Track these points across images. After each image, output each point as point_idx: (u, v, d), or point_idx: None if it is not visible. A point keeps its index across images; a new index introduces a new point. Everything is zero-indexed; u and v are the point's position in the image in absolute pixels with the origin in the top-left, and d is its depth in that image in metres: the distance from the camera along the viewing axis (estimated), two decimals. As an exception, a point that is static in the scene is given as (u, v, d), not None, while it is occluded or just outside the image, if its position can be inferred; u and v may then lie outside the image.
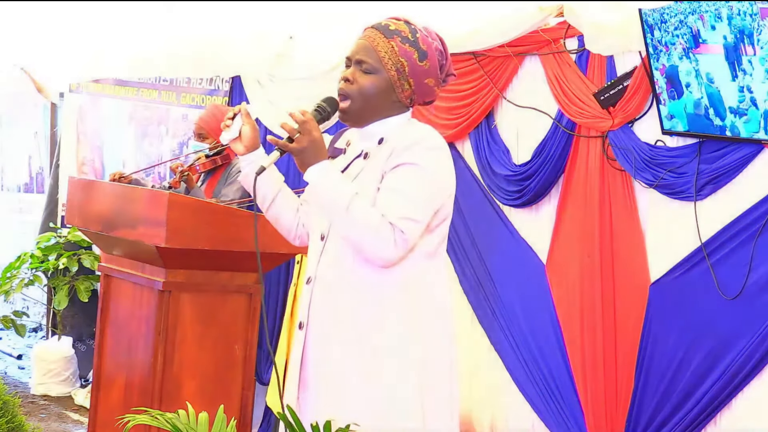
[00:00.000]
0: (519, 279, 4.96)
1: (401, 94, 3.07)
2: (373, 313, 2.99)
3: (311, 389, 3.07)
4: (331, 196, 2.92)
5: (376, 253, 2.91)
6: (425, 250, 3.03)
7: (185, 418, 2.93)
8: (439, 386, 3.06)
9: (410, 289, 3.01)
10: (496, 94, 5.01)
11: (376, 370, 2.99)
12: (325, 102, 3.10)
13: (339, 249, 3.04)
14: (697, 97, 4.13)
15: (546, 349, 4.83)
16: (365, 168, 3.06)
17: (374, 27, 3.11)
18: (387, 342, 2.99)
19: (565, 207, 4.77)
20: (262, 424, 6.11)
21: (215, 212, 4.51)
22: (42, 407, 7.36)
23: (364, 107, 3.07)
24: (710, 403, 4.17)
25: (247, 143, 3.16)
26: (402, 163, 2.96)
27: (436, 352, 3.06)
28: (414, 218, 2.92)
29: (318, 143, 2.94)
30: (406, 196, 2.92)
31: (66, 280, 7.81)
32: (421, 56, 3.05)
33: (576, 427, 4.66)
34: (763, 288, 4.02)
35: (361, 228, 2.89)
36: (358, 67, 3.08)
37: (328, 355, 3.04)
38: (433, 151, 3.00)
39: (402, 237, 2.89)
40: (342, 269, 3.03)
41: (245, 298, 4.63)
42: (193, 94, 7.22)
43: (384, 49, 3.04)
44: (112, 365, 4.82)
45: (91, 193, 5.03)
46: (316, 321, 3.07)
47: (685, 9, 4.03)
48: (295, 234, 3.32)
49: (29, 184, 9.66)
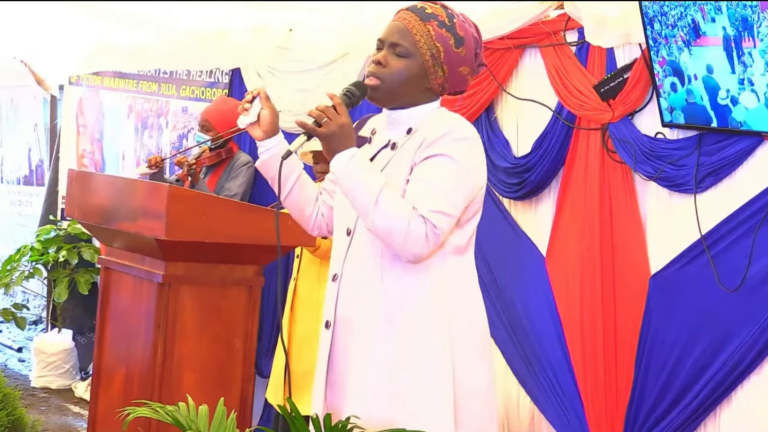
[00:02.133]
0: (519, 271, 4.95)
1: (434, 81, 2.93)
2: (403, 311, 2.87)
3: (339, 390, 2.96)
4: (359, 185, 2.78)
5: (406, 247, 2.77)
6: (455, 245, 2.92)
7: (185, 410, 2.93)
8: (474, 390, 2.93)
9: (441, 287, 2.89)
10: (496, 87, 5.01)
11: (407, 370, 2.86)
12: (354, 86, 2.92)
13: (367, 245, 2.92)
14: (697, 89, 4.13)
15: (546, 341, 4.83)
16: (393, 159, 2.94)
17: (409, 9, 2.95)
18: (418, 342, 2.86)
19: (565, 199, 4.77)
20: (263, 417, 6.12)
21: (215, 205, 4.50)
22: (42, 400, 7.37)
23: (394, 90, 2.92)
24: (710, 395, 4.17)
25: (266, 128, 3.01)
26: (433, 155, 2.83)
27: (471, 354, 2.93)
28: (446, 212, 2.79)
29: (347, 129, 2.80)
30: (438, 189, 2.79)
31: (66, 272, 7.81)
32: (458, 42, 2.91)
33: (576, 419, 4.67)
34: (763, 280, 4.01)
35: (391, 220, 2.75)
36: (391, 50, 2.92)
37: (356, 355, 2.92)
38: (466, 141, 2.87)
39: (434, 231, 2.76)
40: (370, 266, 2.91)
41: (245, 291, 4.62)
42: (193, 87, 7.22)
43: (420, 33, 2.89)
44: (112, 358, 4.82)
45: (91, 185, 5.03)
46: (344, 320, 2.95)
47: (685, 1, 4.02)
48: (313, 224, 3.19)
49: (29, 177, 9.66)
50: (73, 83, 8.66)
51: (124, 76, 7.98)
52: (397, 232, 2.75)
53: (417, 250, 2.78)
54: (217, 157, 6.05)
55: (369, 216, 2.78)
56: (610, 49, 4.57)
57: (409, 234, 2.75)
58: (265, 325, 6.11)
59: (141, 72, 7.78)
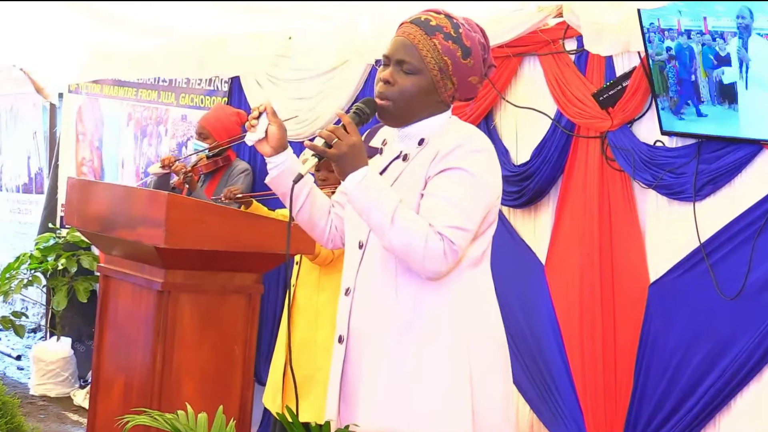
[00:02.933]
0: (518, 279, 4.95)
1: (444, 93, 2.89)
2: (423, 327, 2.83)
3: (353, 405, 2.91)
4: (373, 205, 2.74)
5: (424, 266, 2.73)
6: (471, 257, 2.87)
7: (184, 418, 2.93)
8: (493, 407, 2.90)
9: (459, 300, 2.85)
10: (495, 95, 5.01)
11: (424, 387, 2.83)
12: (364, 104, 2.88)
13: (379, 258, 2.87)
14: (696, 96, 4.13)
15: (545, 349, 4.83)
16: (405, 171, 2.90)
17: (413, 22, 2.89)
18: (439, 357, 2.83)
19: (565, 207, 4.77)
20: (262, 424, 6.11)
21: (214, 213, 4.50)
22: (41, 408, 7.36)
23: (404, 108, 2.87)
24: (709, 403, 4.17)
25: (274, 144, 2.96)
26: (447, 168, 2.78)
27: (490, 370, 2.91)
28: (464, 227, 2.75)
29: (358, 148, 2.75)
30: (455, 204, 2.75)
31: (65, 280, 7.80)
32: (465, 53, 2.86)
33: (575, 427, 4.66)
34: (762, 288, 4.02)
35: (408, 239, 2.70)
36: (398, 68, 2.87)
37: (370, 370, 2.88)
38: (480, 153, 2.83)
39: (452, 248, 2.72)
40: (384, 281, 2.87)
41: (244, 299, 4.62)
42: (192, 95, 7.22)
43: (426, 48, 2.84)
44: (111, 366, 4.81)
45: (90, 193, 5.03)
46: (357, 335, 2.91)
47: (684, 9, 4.03)
48: (327, 237, 3.14)
49: (28, 185, 9.65)
50: (73, 91, 8.67)
51: (124, 84, 7.99)
52: (415, 250, 2.71)
53: (436, 268, 2.74)
54: (214, 165, 6.04)
55: (385, 235, 2.74)
56: (609, 58, 4.57)
57: (427, 252, 2.71)
58: (264, 332, 6.11)
59: (140, 80, 7.79)
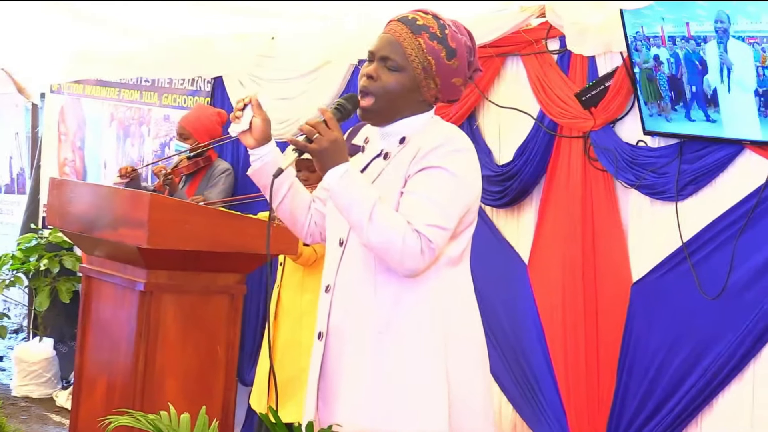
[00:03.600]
0: (501, 279, 4.96)
1: (426, 93, 2.90)
2: (398, 325, 2.84)
3: (331, 402, 2.92)
4: (353, 202, 2.75)
5: (401, 263, 2.74)
6: (450, 256, 2.88)
7: (167, 419, 2.92)
8: (472, 407, 2.90)
9: (438, 299, 2.86)
10: (478, 95, 5.02)
11: (402, 385, 2.83)
12: (346, 99, 2.90)
13: (360, 256, 2.88)
14: (678, 96, 4.14)
15: (528, 349, 4.84)
16: (386, 169, 2.91)
17: (400, 20, 2.90)
18: (416, 354, 2.83)
19: (547, 207, 4.78)
20: (245, 425, 6.10)
21: (197, 213, 4.50)
22: (23, 409, 7.33)
23: (386, 106, 2.88)
24: (691, 402, 4.19)
25: (257, 136, 2.96)
26: (428, 167, 2.79)
27: (468, 370, 2.91)
28: (441, 225, 2.76)
29: (339, 144, 2.76)
30: (433, 202, 2.76)
31: (47, 281, 7.78)
32: (450, 54, 2.87)
33: (558, 426, 4.67)
34: (744, 288, 4.03)
35: (385, 236, 2.72)
36: (382, 64, 2.87)
37: (349, 367, 2.88)
38: (460, 153, 2.83)
39: (429, 246, 2.73)
40: (363, 278, 2.87)
41: (227, 299, 4.62)
42: (174, 95, 7.21)
43: (411, 46, 2.85)
44: (93, 366, 4.80)
45: (72, 193, 5.01)
46: (337, 332, 2.91)
47: (667, 9, 4.04)
48: (307, 231, 3.15)
49: (10, 185, 9.62)
50: (55, 91, 8.63)
51: (106, 84, 7.96)
52: (393, 247, 2.72)
53: (413, 266, 2.75)
54: (195, 166, 6.03)
55: (364, 232, 2.75)
56: (592, 58, 4.59)
57: (405, 249, 2.72)
58: (248, 333, 6.10)
59: (123, 80, 7.76)
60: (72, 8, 6.25)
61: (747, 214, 4.03)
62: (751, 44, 3.79)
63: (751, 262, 4.02)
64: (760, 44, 3.76)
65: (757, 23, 3.75)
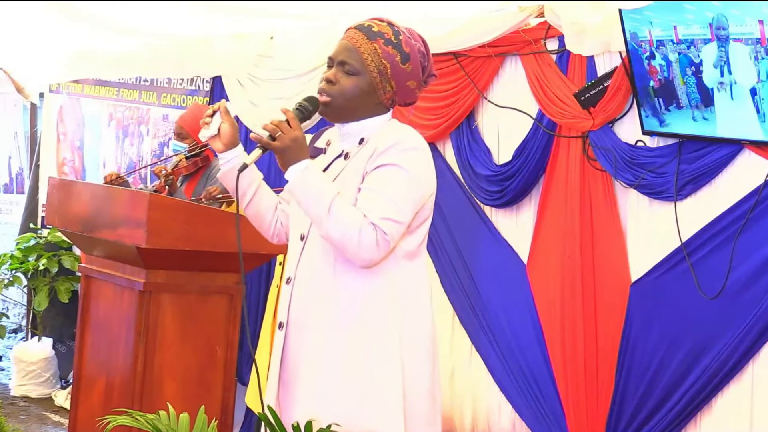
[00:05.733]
0: (500, 279, 4.96)
1: (383, 95, 3.04)
2: (355, 314, 2.97)
3: (291, 390, 3.05)
4: (312, 196, 2.89)
5: (358, 254, 2.88)
6: (406, 250, 3.01)
7: (166, 419, 2.92)
8: (421, 389, 3.03)
9: (392, 290, 2.99)
10: (477, 95, 5.02)
11: (359, 371, 2.97)
12: (307, 101, 3.05)
13: (319, 249, 3.01)
14: (677, 96, 4.15)
15: (527, 348, 4.84)
16: (346, 168, 3.04)
17: (357, 28, 3.07)
18: (369, 343, 2.97)
19: (546, 207, 4.78)
20: (244, 425, 6.10)
21: (196, 213, 4.50)
22: (22, 409, 7.33)
23: (344, 106, 3.04)
24: (690, 402, 4.19)
25: (225, 141, 3.14)
26: (383, 164, 2.94)
27: (419, 355, 3.03)
28: (396, 219, 2.90)
29: (300, 142, 2.91)
30: (388, 197, 2.90)
31: (46, 281, 7.77)
32: (404, 59, 3.03)
33: (557, 426, 4.67)
34: (743, 287, 4.03)
35: (343, 228, 2.86)
36: (340, 68, 3.04)
37: (308, 355, 3.01)
38: (414, 151, 2.98)
39: (384, 238, 2.87)
40: (323, 270, 3.01)
41: (226, 299, 4.62)
42: (173, 95, 7.20)
43: (367, 51, 3.01)
44: (92, 366, 4.80)
45: (71, 193, 5.01)
46: (297, 322, 3.05)
47: (666, 9, 4.04)
48: (273, 231, 3.31)
49: (9, 185, 9.61)
50: (54, 91, 8.63)
51: (105, 83, 7.96)
52: (350, 239, 2.87)
53: (368, 256, 2.89)
54: (194, 166, 6.02)
55: (323, 225, 2.90)
56: (591, 57, 4.59)
57: (361, 241, 2.86)
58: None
59: (121, 80, 7.76)
60: (71, 8, 6.25)
61: (746, 214, 4.03)
62: (747, 43, 3.79)
63: (750, 261, 4.03)
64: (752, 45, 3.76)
65: (743, 26, 3.76)
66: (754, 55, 3.79)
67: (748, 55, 3.81)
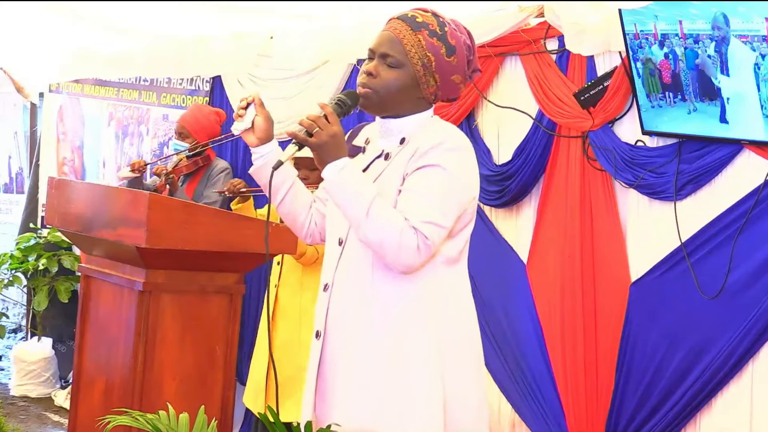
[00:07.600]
0: (500, 279, 4.96)
1: (426, 90, 2.90)
2: (397, 322, 2.84)
3: (328, 402, 2.93)
4: (351, 197, 2.76)
5: (398, 259, 2.75)
6: (447, 256, 2.89)
7: (166, 418, 2.92)
8: (464, 401, 2.91)
9: (435, 297, 2.87)
10: (477, 95, 5.02)
11: (401, 380, 2.84)
12: (346, 95, 2.90)
13: (358, 254, 2.89)
14: (677, 96, 4.15)
15: (527, 348, 4.84)
16: (386, 169, 2.91)
17: (400, 18, 2.91)
18: (412, 352, 2.84)
19: (546, 207, 4.78)
20: (243, 425, 6.10)
21: (196, 213, 4.49)
22: (22, 408, 7.33)
23: (386, 99, 2.89)
24: (690, 402, 4.19)
25: (260, 134, 2.95)
26: (425, 165, 2.81)
27: (462, 365, 2.91)
28: (438, 223, 2.77)
29: (338, 138, 2.77)
30: (430, 200, 2.77)
31: (46, 280, 7.78)
32: (449, 51, 2.88)
33: (556, 426, 4.67)
34: (743, 287, 4.04)
35: (383, 232, 2.73)
36: (382, 61, 2.89)
37: (349, 365, 2.89)
38: (457, 152, 2.85)
39: (425, 242, 2.75)
40: (362, 276, 2.88)
41: (226, 299, 4.62)
42: (173, 95, 7.20)
43: (410, 43, 2.86)
44: (92, 366, 4.80)
45: (71, 193, 5.01)
46: (335, 330, 2.92)
47: (665, 9, 4.04)
48: (306, 231, 3.15)
49: (9, 185, 9.61)
50: (53, 90, 8.63)
51: (105, 83, 7.96)
52: (389, 243, 2.74)
53: (409, 262, 2.76)
54: (194, 165, 6.03)
55: (361, 227, 2.77)
56: (591, 57, 4.59)
57: (401, 245, 2.73)
58: (246, 332, 6.10)
59: (121, 79, 7.76)
60: (71, 8, 6.25)
61: (746, 213, 4.03)
62: (748, 43, 3.79)
63: (750, 261, 4.03)
64: (757, 42, 3.76)
65: (750, 22, 3.76)
66: (760, 53, 3.78)
67: (753, 53, 3.81)
